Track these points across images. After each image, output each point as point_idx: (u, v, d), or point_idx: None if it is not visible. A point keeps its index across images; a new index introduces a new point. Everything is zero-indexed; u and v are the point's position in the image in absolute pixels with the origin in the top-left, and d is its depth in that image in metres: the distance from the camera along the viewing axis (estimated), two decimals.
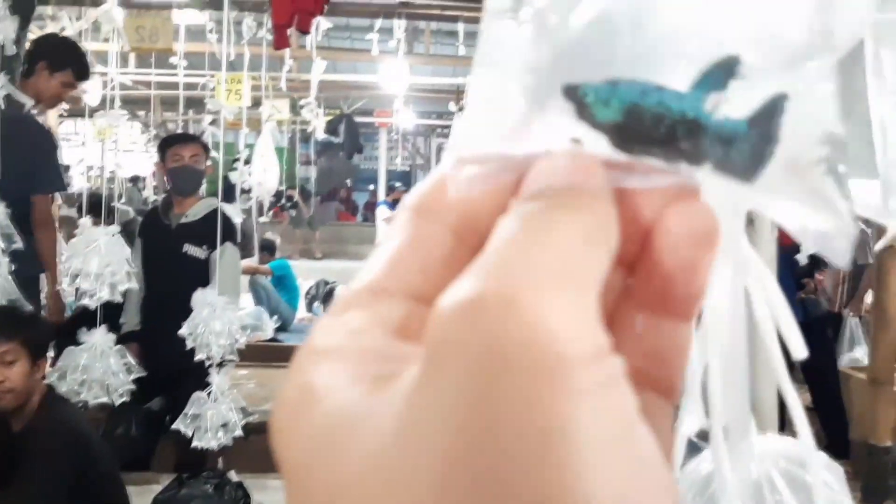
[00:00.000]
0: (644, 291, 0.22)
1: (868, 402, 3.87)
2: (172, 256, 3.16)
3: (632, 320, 0.22)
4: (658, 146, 0.20)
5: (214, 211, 3.05)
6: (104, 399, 2.93)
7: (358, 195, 13.48)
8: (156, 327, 3.14)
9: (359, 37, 7.22)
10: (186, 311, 2.85)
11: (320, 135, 7.15)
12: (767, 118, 0.20)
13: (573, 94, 0.20)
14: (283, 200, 9.77)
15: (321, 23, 4.46)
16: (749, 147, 0.20)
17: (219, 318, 2.84)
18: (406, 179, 12.45)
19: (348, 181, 12.39)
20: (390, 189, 11.45)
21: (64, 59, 3.07)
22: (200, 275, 3.07)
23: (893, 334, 3.95)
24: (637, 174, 0.21)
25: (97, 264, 2.88)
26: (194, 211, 3.20)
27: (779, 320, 0.23)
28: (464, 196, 0.21)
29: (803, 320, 3.60)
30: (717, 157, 0.20)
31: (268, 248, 6.39)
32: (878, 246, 3.17)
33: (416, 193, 0.22)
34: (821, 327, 4.03)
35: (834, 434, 3.86)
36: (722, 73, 0.20)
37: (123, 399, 2.97)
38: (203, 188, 3.41)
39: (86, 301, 2.88)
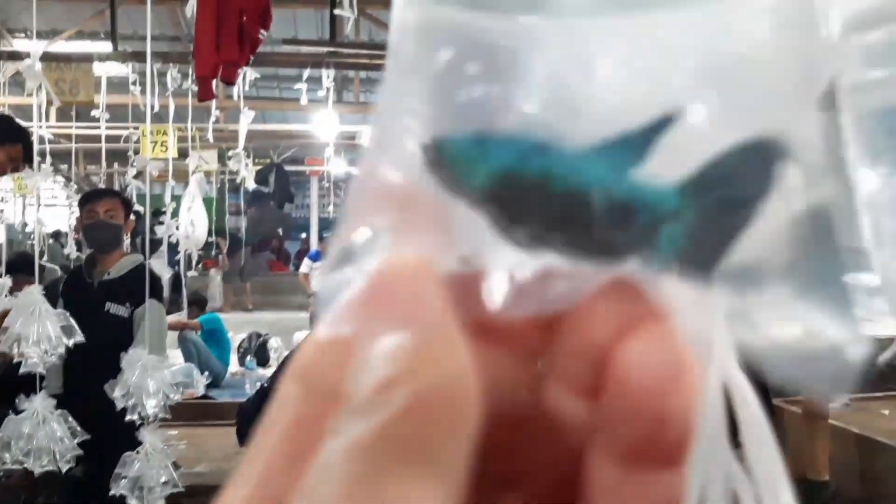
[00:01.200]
0: (613, 436, 0.17)
1: (803, 436, 3.94)
2: (95, 316, 3.05)
3: (604, 474, 0.17)
4: (554, 231, 0.15)
5: (138, 267, 2.96)
6: (51, 467, 2.82)
7: (290, 244, 13.34)
8: (78, 389, 3.01)
9: (287, 86, 7.20)
10: (110, 372, 2.75)
11: (250, 185, 7.07)
12: (715, 184, 0.14)
13: (431, 154, 0.16)
14: (214, 251, 9.60)
15: (248, 73, 4.42)
16: (688, 228, 0.14)
17: (151, 376, 2.77)
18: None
19: (280, 231, 12.27)
20: (321, 238, 11.36)
21: (16, 135, 3.00)
22: (124, 334, 2.97)
23: None
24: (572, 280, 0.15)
25: (37, 329, 2.78)
26: (117, 268, 3.11)
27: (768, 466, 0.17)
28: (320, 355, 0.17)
29: None
30: (644, 244, 0.15)
31: (197, 303, 6.23)
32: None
33: (300, 357, 0.18)
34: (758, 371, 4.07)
35: None
36: (650, 135, 0.15)
37: (70, 465, 2.84)
38: (127, 244, 3.32)
39: (30, 366, 2.76)
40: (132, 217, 3.31)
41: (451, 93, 0.16)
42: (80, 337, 2.84)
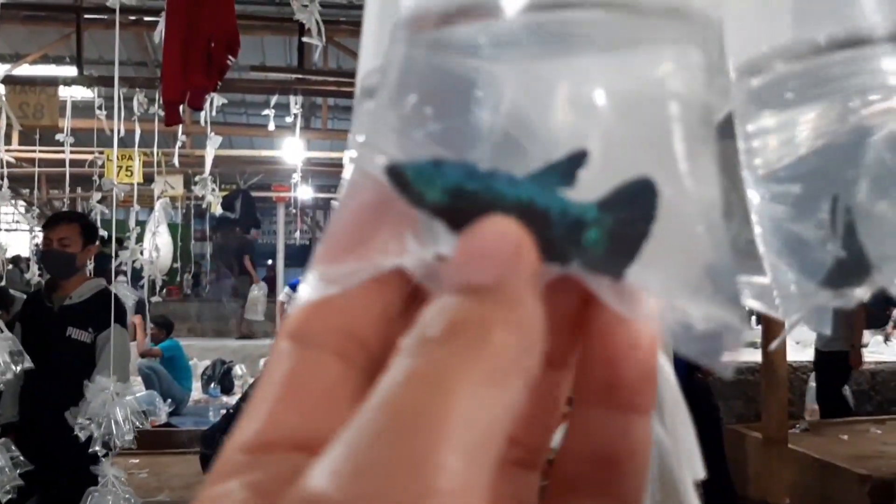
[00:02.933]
0: (585, 382, 0.20)
1: (764, 461, 3.97)
2: (55, 341, 2.99)
3: (579, 418, 0.20)
4: None
5: (101, 292, 2.92)
6: None
7: (258, 271, 13.22)
8: (36, 417, 2.94)
9: (255, 112, 7.19)
10: (70, 399, 2.69)
11: (216, 210, 7.03)
12: (627, 203, 0.18)
13: (394, 172, 0.19)
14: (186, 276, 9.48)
15: (215, 99, 4.42)
16: (607, 235, 0.18)
17: (118, 404, 2.71)
18: (305, 254, 12.33)
19: (246, 257, 12.18)
20: (287, 265, 11.28)
21: None
22: (85, 359, 2.92)
23: (783, 393, 4.09)
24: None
25: None
26: (79, 292, 3.05)
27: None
28: (345, 309, 0.19)
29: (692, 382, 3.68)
30: (573, 249, 0.18)
31: (164, 326, 6.14)
32: (773, 346, 3.28)
33: (290, 319, 0.20)
34: (708, 392, 4.12)
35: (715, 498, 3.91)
36: (570, 163, 0.18)
37: (10, 496, 2.76)
38: (90, 269, 3.27)
39: None
40: (96, 242, 3.26)
41: (416, 126, 0.19)
42: (28, 363, 2.78)
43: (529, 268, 0.17)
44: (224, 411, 4.19)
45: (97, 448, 2.67)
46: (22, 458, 2.79)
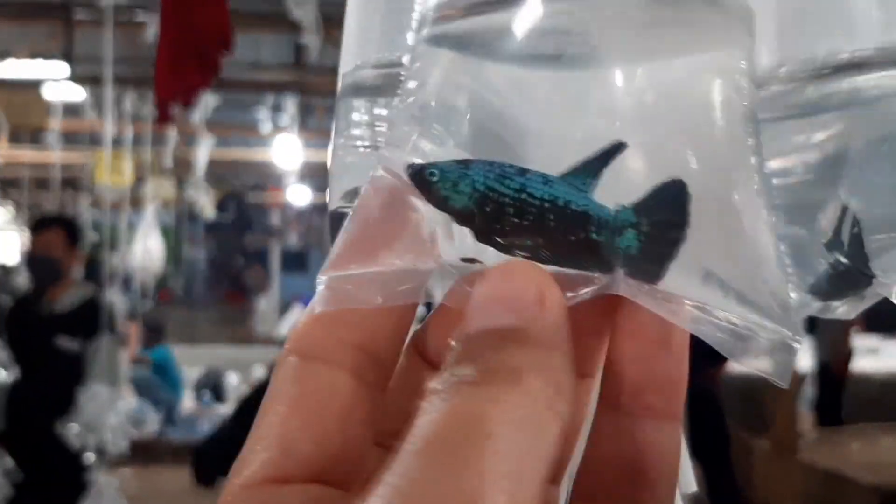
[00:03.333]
0: (614, 387, 0.20)
1: (770, 469, 3.90)
2: (42, 349, 2.88)
3: (608, 426, 0.20)
4: (528, 238, 0.18)
5: (90, 299, 2.80)
6: None
7: (250, 276, 13.12)
8: (22, 427, 2.84)
9: (249, 113, 7.12)
10: (59, 408, 2.60)
11: (209, 213, 6.92)
12: (661, 205, 0.18)
13: (418, 174, 0.18)
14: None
15: (209, 100, 4.32)
16: (643, 239, 0.18)
17: (111, 410, 2.64)
18: (301, 260, 12.19)
19: (240, 261, 12.08)
20: (283, 269, 11.16)
21: None
22: (74, 368, 2.80)
23: (791, 401, 4.02)
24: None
25: None
26: (67, 299, 2.93)
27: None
28: (358, 324, 0.19)
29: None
30: (609, 252, 0.18)
31: (156, 330, 6.03)
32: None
33: (297, 332, 0.19)
34: (714, 399, 4.04)
35: None
36: (605, 159, 0.18)
37: None
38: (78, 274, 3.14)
39: None
40: (80, 245, 3.12)
41: (443, 128, 0.19)
42: (14, 372, 2.70)
43: (558, 312, 0.17)
44: (220, 422, 4.10)
45: (90, 455, 2.59)
46: (13, 467, 2.71)
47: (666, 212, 0.18)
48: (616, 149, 0.18)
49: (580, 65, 0.19)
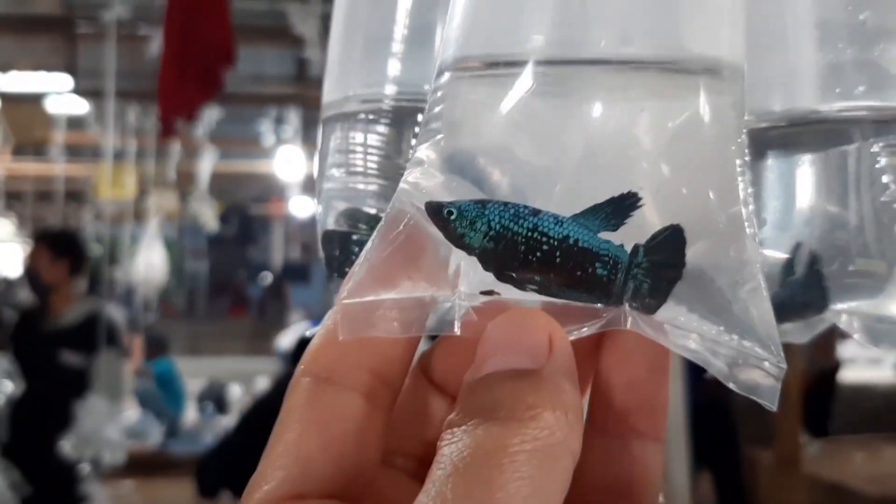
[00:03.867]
0: (602, 411, 0.21)
1: (776, 483, 3.88)
2: (45, 364, 2.87)
3: (595, 448, 0.21)
4: (539, 274, 0.19)
5: (93, 313, 2.80)
6: None
7: (252, 288, 13.11)
8: (23, 441, 2.83)
9: (253, 126, 7.13)
10: (61, 424, 2.59)
11: (212, 226, 6.92)
12: (663, 248, 0.19)
13: (438, 212, 0.20)
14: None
15: (212, 113, 4.33)
16: (647, 277, 0.19)
17: (110, 422, 2.64)
18: (304, 272, 12.16)
19: (244, 274, 12.06)
20: (285, 282, 11.13)
21: None
22: (77, 384, 2.80)
23: (795, 414, 4.00)
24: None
25: None
26: (71, 314, 2.93)
27: None
28: (372, 348, 0.20)
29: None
30: (616, 290, 0.19)
31: (158, 344, 6.03)
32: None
33: (312, 354, 0.20)
34: (724, 409, 4.03)
35: None
36: (617, 206, 0.19)
37: None
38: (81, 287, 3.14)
39: None
40: (72, 258, 3.08)
41: (461, 167, 0.20)
42: (20, 385, 2.70)
43: (566, 355, 0.18)
44: (223, 434, 4.09)
45: (86, 468, 2.58)
46: (20, 481, 2.71)
47: (668, 253, 0.19)
48: (629, 200, 0.19)
49: (586, 110, 0.20)
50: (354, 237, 0.29)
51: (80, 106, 5.22)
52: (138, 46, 4.24)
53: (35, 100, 5.05)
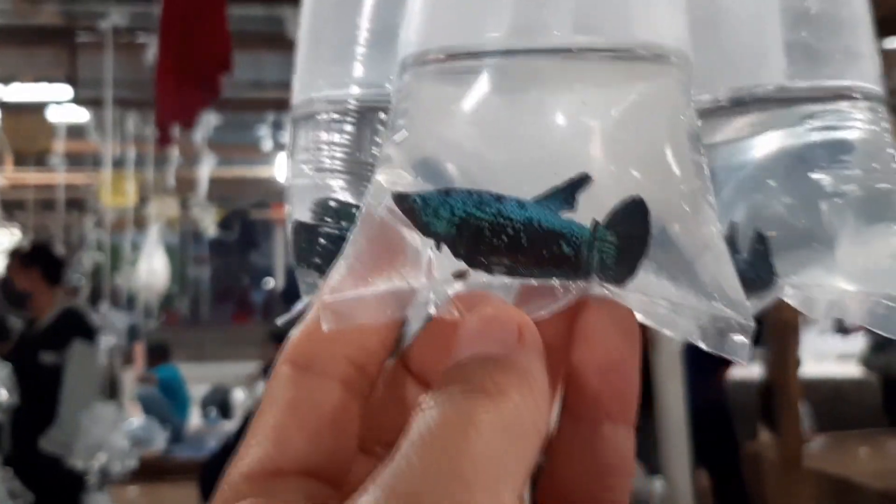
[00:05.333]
0: (575, 398, 0.21)
1: (780, 480, 3.87)
2: (28, 366, 2.91)
3: (569, 434, 0.21)
4: (506, 257, 0.20)
5: (66, 310, 2.86)
6: None
7: (256, 294, 13.11)
8: (23, 451, 2.85)
9: (252, 131, 7.14)
10: (42, 425, 2.61)
11: (212, 232, 6.93)
12: (625, 220, 0.20)
13: (403, 202, 0.20)
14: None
15: (210, 119, 4.34)
16: (613, 251, 0.20)
17: (116, 430, 2.64)
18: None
19: (247, 280, 12.05)
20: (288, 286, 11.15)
21: None
22: (55, 382, 2.84)
23: (796, 410, 3.98)
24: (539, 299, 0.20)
25: None
26: (48, 317, 3.00)
27: None
28: (350, 339, 0.21)
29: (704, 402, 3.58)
30: (583, 265, 0.20)
31: (160, 351, 6.03)
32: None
33: (293, 345, 0.21)
34: (720, 408, 4.02)
35: None
36: (574, 186, 0.20)
37: None
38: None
39: None
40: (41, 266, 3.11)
41: (426, 158, 0.21)
42: (14, 395, 2.72)
43: (534, 345, 0.19)
44: (225, 438, 4.09)
45: (93, 478, 2.59)
46: (21, 488, 2.72)
47: (632, 224, 0.20)
48: (583, 180, 0.20)
49: (540, 102, 0.21)
50: (321, 229, 0.31)
51: (81, 115, 5.24)
52: (137, 55, 4.26)
53: (36, 110, 5.07)
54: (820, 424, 4.89)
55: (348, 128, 0.31)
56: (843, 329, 6.36)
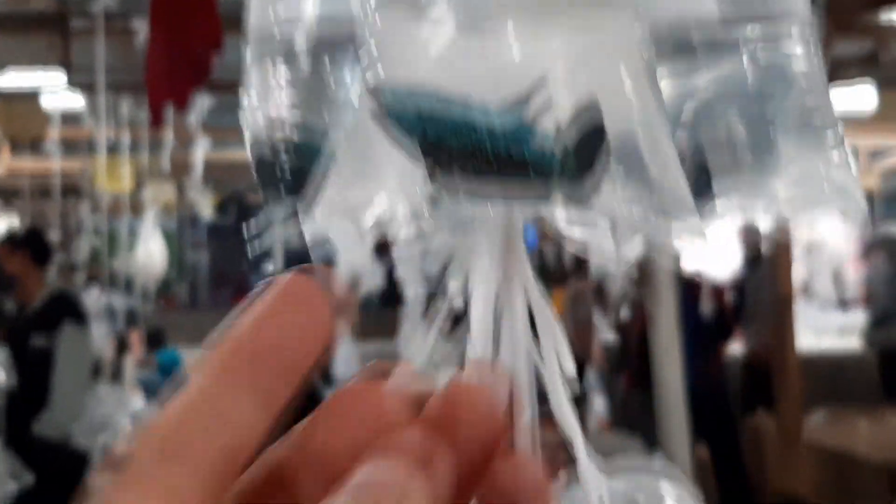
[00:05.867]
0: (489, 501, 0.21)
1: (780, 454, 3.88)
2: (20, 351, 2.92)
3: None
4: (472, 162, 0.20)
5: (56, 294, 2.87)
6: None
7: (255, 278, 13.10)
8: (22, 432, 2.85)
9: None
10: (36, 407, 2.63)
11: (209, 216, 6.93)
12: (583, 126, 0.21)
13: (376, 94, 0.21)
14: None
15: (204, 101, 4.31)
16: (573, 156, 0.21)
17: (121, 411, 2.66)
18: (306, 259, 12.15)
19: (245, 264, 12.05)
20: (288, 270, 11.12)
21: None
22: (46, 365, 2.85)
23: (796, 383, 3.99)
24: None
25: None
26: (39, 299, 3.00)
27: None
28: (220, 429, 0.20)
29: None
30: (538, 166, 0.20)
31: (156, 336, 6.05)
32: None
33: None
34: (718, 383, 4.03)
35: (729, 488, 3.81)
36: (532, 91, 0.20)
37: None
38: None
39: None
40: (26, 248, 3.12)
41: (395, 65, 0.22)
42: (11, 377, 2.74)
43: (444, 473, 0.19)
44: None
45: (96, 457, 2.62)
46: (22, 468, 2.73)
47: (589, 129, 0.21)
48: (539, 83, 0.21)
49: (499, 38, 0.22)
50: (282, 162, 0.31)
51: (75, 101, 5.22)
52: (130, 39, 4.23)
53: (30, 97, 5.05)
54: (819, 398, 4.89)
55: (305, 62, 0.31)
56: (843, 303, 6.36)
